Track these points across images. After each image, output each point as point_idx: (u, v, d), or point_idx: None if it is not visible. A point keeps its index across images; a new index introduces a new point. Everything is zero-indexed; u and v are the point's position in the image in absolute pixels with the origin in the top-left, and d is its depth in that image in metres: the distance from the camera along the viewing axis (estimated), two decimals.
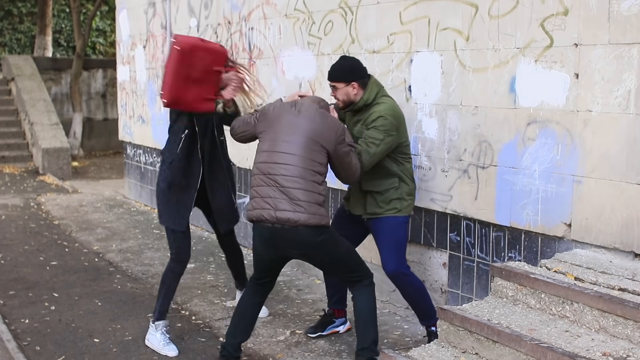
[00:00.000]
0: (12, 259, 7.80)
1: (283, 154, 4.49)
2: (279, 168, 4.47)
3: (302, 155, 4.47)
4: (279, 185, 4.45)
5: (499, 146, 5.05)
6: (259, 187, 4.54)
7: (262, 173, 4.53)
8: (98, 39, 25.12)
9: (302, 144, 4.49)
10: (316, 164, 4.50)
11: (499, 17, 4.97)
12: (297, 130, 4.52)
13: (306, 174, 4.46)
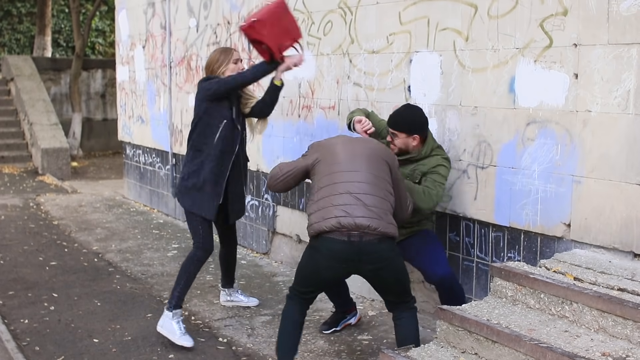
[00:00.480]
0: (11, 259, 7.79)
1: (348, 172, 4.40)
2: (348, 185, 4.35)
3: (368, 170, 4.41)
4: (351, 193, 4.32)
5: (498, 146, 5.06)
6: (326, 198, 4.37)
7: (329, 194, 4.39)
8: (97, 39, 25.12)
9: (366, 159, 4.45)
10: (382, 179, 4.43)
11: (498, 17, 4.97)
12: (357, 151, 4.50)
13: (377, 185, 4.38)
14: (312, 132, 6.86)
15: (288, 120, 7.15)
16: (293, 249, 7.41)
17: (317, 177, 4.55)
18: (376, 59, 6.06)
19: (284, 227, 7.53)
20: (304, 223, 7.12)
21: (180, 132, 9.57)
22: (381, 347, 5.22)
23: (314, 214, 4.39)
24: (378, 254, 4.31)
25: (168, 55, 9.79)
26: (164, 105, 9.96)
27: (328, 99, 6.64)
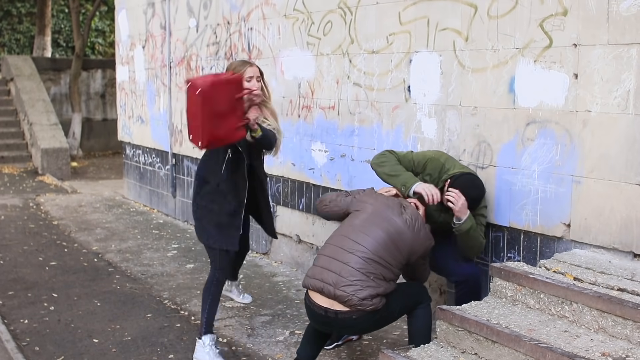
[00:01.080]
0: (11, 260, 7.79)
1: (365, 235, 4.42)
2: (347, 256, 4.38)
3: (382, 247, 4.38)
4: (345, 263, 4.34)
5: (498, 146, 5.06)
6: (324, 256, 4.48)
7: (330, 254, 4.45)
8: (97, 39, 25.12)
9: (389, 236, 4.40)
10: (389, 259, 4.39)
11: (498, 18, 4.97)
12: (392, 224, 4.45)
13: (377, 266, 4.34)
14: (312, 132, 6.86)
15: (288, 120, 7.15)
16: (293, 249, 7.41)
17: (340, 228, 4.66)
18: (376, 59, 6.06)
19: (283, 227, 7.53)
20: (303, 223, 7.14)
21: (180, 132, 9.57)
22: (381, 347, 5.22)
23: (313, 265, 4.55)
24: (355, 327, 4.50)
25: (168, 56, 9.79)
26: (164, 106, 9.96)
27: (328, 99, 6.64)
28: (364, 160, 6.23)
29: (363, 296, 4.25)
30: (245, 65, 5.23)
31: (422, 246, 4.53)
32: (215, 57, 8.60)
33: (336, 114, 6.55)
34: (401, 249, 4.41)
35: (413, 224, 4.48)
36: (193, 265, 7.49)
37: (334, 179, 6.64)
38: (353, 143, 6.37)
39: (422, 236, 4.52)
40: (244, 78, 5.05)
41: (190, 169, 9.40)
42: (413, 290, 4.64)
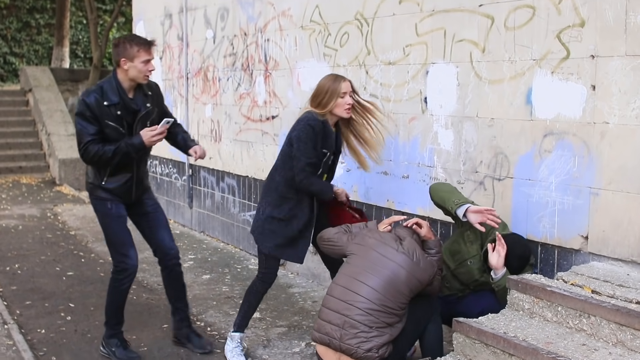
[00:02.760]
0: (28, 269, 7.83)
1: (363, 284, 4.41)
2: (348, 308, 4.38)
3: (382, 294, 4.35)
4: (348, 317, 4.35)
5: (515, 158, 5.04)
6: (328, 310, 4.47)
7: (334, 307, 4.45)
8: None
9: (387, 281, 4.38)
10: (392, 299, 4.36)
11: (515, 29, 4.96)
12: (389, 266, 4.42)
13: (379, 314, 4.33)
14: None
15: None
16: (309, 260, 7.39)
17: (342, 267, 4.66)
18: (392, 70, 6.06)
19: None
20: None
21: None
22: None
23: (318, 318, 4.56)
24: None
25: (185, 67, 9.83)
26: (181, 116, 9.99)
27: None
28: (381, 172, 6.22)
29: (368, 347, 4.28)
30: (340, 81, 5.18)
31: (426, 274, 4.48)
32: (232, 68, 8.63)
33: None
34: (402, 290, 4.38)
35: (411, 256, 4.46)
36: (209, 276, 7.50)
37: (350, 190, 6.63)
38: None
39: (423, 266, 4.48)
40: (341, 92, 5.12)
41: (207, 180, 9.41)
42: (420, 314, 4.59)
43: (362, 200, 6.50)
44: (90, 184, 5.28)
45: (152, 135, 5.05)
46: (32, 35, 24.42)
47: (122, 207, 5.32)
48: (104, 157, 5.00)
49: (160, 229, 5.48)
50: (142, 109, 5.17)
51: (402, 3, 5.92)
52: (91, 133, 4.99)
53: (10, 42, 24.01)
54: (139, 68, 5.07)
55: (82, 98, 5.03)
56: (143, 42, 5.13)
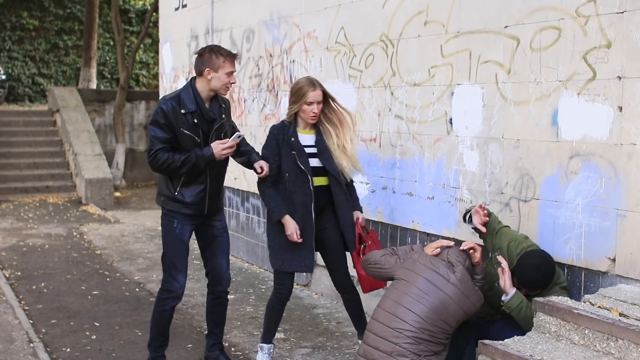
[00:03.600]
0: (54, 288, 7.88)
1: (410, 312, 4.36)
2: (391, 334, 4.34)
3: (428, 322, 4.32)
4: (395, 344, 4.32)
5: (541, 179, 5.01)
6: (374, 335, 4.42)
7: (380, 331, 4.41)
8: (141, 71, 25.49)
9: (434, 311, 4.33)
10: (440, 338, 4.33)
11: (540, 50, 4.96)
12: (438, 296, 4.37)
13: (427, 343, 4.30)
14: None
15: None
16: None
17: (388, 291, 4.60)
18: (418, 92, 6.06)
19: None
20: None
21: None
22: None
23: (363, 343, 4.50)
24: None
25: None
26: None
27: (369, 131, 6.65)
28: (405, 193, 6.22)
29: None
30: (311, 86, 5.33)
31: (474, 307, 4.43)
32: (257, 89, 8.67)
33: (377, 146, 6.55)
34: (448, 320, 4.33)
35: (462, 288, 4.40)
36: (233, 297, 7.51)
37: (375, 211, 6.62)
38: (394, 175, 6.36)
39: (472, 299, 4.42)
40: (307, 100, 5.26)
41: (232, 200, 9.44)
42: (460, 339, 4.55)
43: (387, 221, 6.49)
44: (163, 196, 5.28)
45: (222, 149, 5.04)
46: (60, 56, 24.70)
47: (187, 230, 5.28)
48: (172, 166, 5.04)
49: (221, 255, 5.44)
50: (218, 119, 5.18)
51: (427, 24, 5.94)
52: (163, 141, 5.06)
53: (39, 63, 24.29)
54: (222, 79, 5.07)
55: (159, 105, 5.07)
56: (228, 54, 5.12)
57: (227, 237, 5.51)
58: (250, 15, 8.78)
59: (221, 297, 5.51)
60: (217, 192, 5.32)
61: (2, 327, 6.45)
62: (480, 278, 4.61)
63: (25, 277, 8.35)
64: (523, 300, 4.57)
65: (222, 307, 5.55)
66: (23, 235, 11.00)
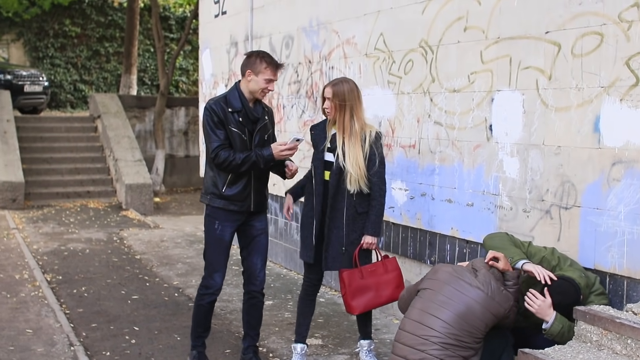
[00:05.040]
0: (94, 292, 7.96)
1: (437, 319, 4.37)
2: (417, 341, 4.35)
3: (456, 328, 4.32)
4: (422, 351, 4.32)
5: (582, 186, 4.96)
6: (402, 345, 4.44)
7: (405, 340, 4.43)
8: (181, 78, 25.70)
9: (461, 315, 4.33)
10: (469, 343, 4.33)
11: (582, 56, 4.91)
12: (463, 300, 4.38)
13: (455, 348, 4.29)
14: (392, 171, 6.84)
15: None
16: None
17: (414, 301, 4.61)
18: (457, 98, 6.03)
19: None
20: None
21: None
22: None
23: (392, 353, 4.53)
24: None
25: None
26: None
27: (408, 137, 6.63)
28: (445, 200, 6.18)
29: None
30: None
31: (502, 308, 4.41)
32: (296, 96, 8.69)
33: (417, 153, 6.53)
34: (476, 324, 4.32)
35: (486, 290, 4.39)
36: (272, 302, 7.52)
37: (413, 218, 6.60)
38: (433, 182, 6.34)
39: (499, 299, 4.40)
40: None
41: (270, 206, 9.46)
42: (495, 345, 4.51)
43: (426, 227, 6.46)
44: (210, 194, 5.44)
45: (281, 150, 5.25)
46: (101, 63, 25.00)
47: (228, 230, 5.46)
48: (234, 163, 5.22)
49: (257, 254, 5.60)
50: (261, 119, 5.43)
51: (467, 30, 5.91)
52: (221, 138, 5.27)
53: (81, 70, 24.61)
54: (260, 84, 5.31)
55: (209, 105, 5.32)
56: (271, 62, 5.38)
57: (266, 238, 5.65)
58: (289, 22, 8.81)
59: (255, 297, 5.61)
60: (262, 190, 5.53)
61: (44, 330, 6.53)
62: (512, 284, 4.58)
63: (66, 281, 8.45)
64: (564, 325, 4.50)
65: (257, 308, 5.64)
66: (64, 239, 11.13)
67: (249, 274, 5.59)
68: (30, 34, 23.95)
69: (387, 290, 5.51)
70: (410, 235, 6.72)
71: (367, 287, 5.41)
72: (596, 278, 4.75)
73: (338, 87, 5.44)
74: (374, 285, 5.45)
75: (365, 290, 5.41)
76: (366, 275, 5.42)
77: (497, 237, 5.01)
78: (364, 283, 5.40)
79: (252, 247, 5.57)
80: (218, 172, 5.35)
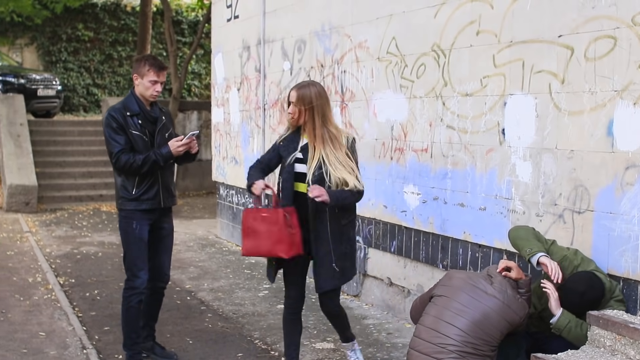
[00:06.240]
0: (107, 296, 7.98)
1: (452, 326, 4.36)
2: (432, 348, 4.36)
3: (471, 336, 4.31)
4: (433, 357, 4.32)
5: (595, 191, 4.94)
6: (417, 352, 4.43)
7: (425, 339, 4.43)
8: (193, 82, 25.77)
9: (476, 323, 4.33)
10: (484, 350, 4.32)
11: (595, 60, 4.89)
12: (478, 308, 4.37)
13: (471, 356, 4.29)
14: (404, 175, 6.84)
15: (380, 163, 7.16)
16: (384, 292, 7.37)
17: (428, 307, 4.61)
18: (470, 102, 6.02)
19: (375, 270, 7.50)
20: (395, 266, 7.10)
21: (274, 174, 9.66)
22: None
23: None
24: None
25: (262, 98, 9.96)
26: (258, 147, 10.11)
27: (421, 141, 6.62)
28: (457, 204, 6.17)
29: None
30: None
31: (517, 316, 4.40)
32: None
33: (429, 157, 6.52)
34: (491, 332, 4.31)
35: (502, 298, 4.38)
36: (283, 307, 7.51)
37: (426, 222, 6.59)
38: (446, 186, 6.33)
39: (514, 308, 4.40)
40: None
41: None
42: (508, 351, 4.52)
43: (438, 232, 6.45)
44: (121, 198, 5.66)
45: (177, 146, 5.45)
46: (114, 67, 25.10)
47: (145, 229, 5.65)
48: (135, 165, 5.42)
49: (164, 254, 5.90)
50: (159, 120, 5.64)
51: (479, 34, 5.90)
52: (121, 143, 5.46)
53: (93, 74, 24.72)
54: (146, 86, 5.50)
55: (108, 112, 5.51)
56: (153, 64, 5.53)
57: (172, 237, 5.97)
58: (301, 26, 8.82)
59: (160, 292, 5.98)
60: (169, 186, 5.73)
61: (57, 333, 6.55)
62: (524, 291, 4.58)
63: (79, 284, 8.48)
64: (571, 320, 4.49)
65: (160, 301, 6.02)
66: (77, 243, 11.17)
67: (157, 272, 5.83)
68: (44, 38, 24.08)
69: (267, 242, 4.95)
70: (422, 239, 6.71)
71: (255, 232, 5.00)
72: (617, 285, 4.73)
73: (304, 91, 5.17)
74: (264, 233, 4.96)
75: (253, 234, 5.01)
76: (258, 219, 5.00)
77: (522, 229, 5.01)
78: (254, 226, 5.00)
79: (159, 247, 5.83)
80: (126, 176, 5.57)
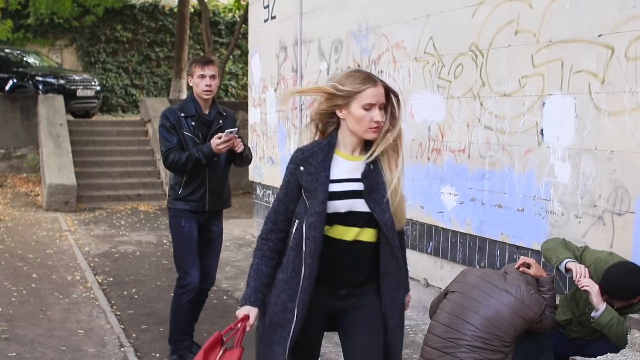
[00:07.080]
0: (145, 294, 8.04)
1: (465, 322, 4.34)
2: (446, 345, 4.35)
3: (484, 332, 4.29)
4: (450, 354, 4.31)
5: (636, 192, 4.88)
6: (430, 348, 4.43)
7: (438, 335, 4.42)
8: (230, 82, 25.90)
9: (489, 319, 4.30)
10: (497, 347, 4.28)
11: (636, 59, 4.83)
12: (491, 304, 4.34)
13: (482, 351, 4.26)
14: (442, 176, 6.81)
15: (417, 163, 7.14)
16: (420, 293, 7.34)
17: (443, 304, 4.62)
18: (508, 102, 5.98)
19: (411, 271, 7.42)
20: (431, 267, 7.07)
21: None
22: None
23: (421, 357, 4.52)
24: None
25: (299, 98, 9.96)
26: (294, 147, 10.12)
27: (458, 142, 6.59)
28: (495, 205, 6.13)
29: None
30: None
31: (532, 311, 4.34)
32: None
33: (466, 157, 6.48)
34: (505, 328, 4.26)
35: (515, 293, 4.34)
36: None
37: (463, 223, 6.56)
38: (483, 187, 6.29)
39: (528, 303, 4.34)
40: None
41: None
42: (527, 352, 4.47)
43: (476, 233, 6.41)
44: (170, 196, 5.78)
45: (217, 144, 5.38)
46: (151, 67, 25.33)
47: (194, 228, 5.71)
48: (179, 163, 5.45)
49: (212, 257, 5.96)
50: (215, 123, 5.67)
51: (517, 34, 5.85)
52: (172, 142, 5.53)
53: (132, 75, 24.98)
54: (197, 83, 5.58)
55: (163, 112, 5.64)
56: (198, 59, 5.68)
57: (221, 240, 6.06)
58: (338, 26, 8.81)
59: (204, 294, 5.99)
60: (218, 190, 5.74)
61: (95, 331, 6.62)
62: (546, 289, 4.53)
63: (117, 283, 8.56)
64: (614, 317, 4.42)
65: (202, 303, 6.04)
66: (115, 242, 11.27)
67: (204, 273, 5.83)
68: (83, 40, 24.38)
69: None
70: (459, 240, 6.68)
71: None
72: None
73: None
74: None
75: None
76: None
77: (551, 241, 4.92)
78: None
79: (208, 249, 5.89)
80: (176, 175, 5.65)
